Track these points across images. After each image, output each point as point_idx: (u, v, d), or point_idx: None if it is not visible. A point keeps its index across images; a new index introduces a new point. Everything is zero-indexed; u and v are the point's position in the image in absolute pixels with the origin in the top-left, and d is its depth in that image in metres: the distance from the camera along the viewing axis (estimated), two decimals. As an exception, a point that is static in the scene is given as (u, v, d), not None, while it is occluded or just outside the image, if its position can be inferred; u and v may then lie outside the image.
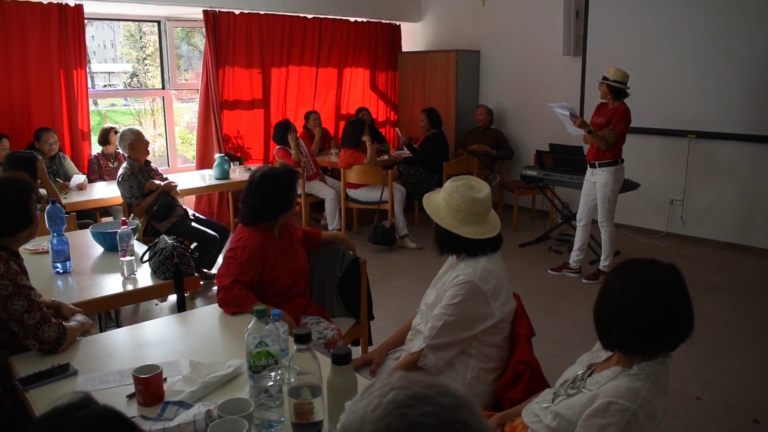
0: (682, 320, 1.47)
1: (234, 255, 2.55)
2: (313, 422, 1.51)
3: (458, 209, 2.11)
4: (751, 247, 5.72)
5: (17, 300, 2.03)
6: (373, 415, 0.73)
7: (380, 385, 0.77)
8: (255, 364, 1.55)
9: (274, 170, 2.70)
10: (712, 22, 5.68)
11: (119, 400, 1.77)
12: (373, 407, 0.74)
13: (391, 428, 0.72)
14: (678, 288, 1.46)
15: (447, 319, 2.09)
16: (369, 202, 6.05)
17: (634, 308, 1.44)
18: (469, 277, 2.09)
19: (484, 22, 7.48)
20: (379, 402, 0.74)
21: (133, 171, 4.48)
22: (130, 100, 7.91)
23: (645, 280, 1.46)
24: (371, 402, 0.75)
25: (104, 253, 3.25)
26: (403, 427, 0.72)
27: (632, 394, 1.44)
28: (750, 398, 3.24)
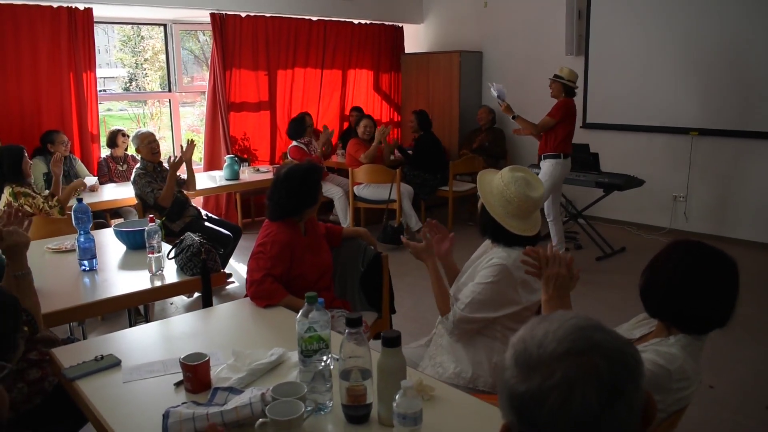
0: (731, 307, 1.59)
1: (264, 249, 2.61)
2: (364, 404, 1.56)
3: (510, 201, 2.18)
4: (755, 242, 5.81)
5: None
6: (557, 333, 0.82)
7: (560, 314, 0.87)
8: (307, 348, 1.61)
9: (298, 166, 2.76)
10: (713, 20, 5.78)
11: (167, 388, 1.82)
12: (557, 327, 0.83)
13: (575, 345, 0.81)
14: (737, 276, 1.60)
15: (476, 297, 2.16)
16: (377, 201, 6.11)
17: (701, 286, 1.56)
18: (503, 261, 2.16)
19: (486, 23, 7.56)
20: (562, 324, 0.84)
21: (146, 171, 4.53)
22: (127, 104, 7.96)
23: (716, 262, 1.59)
24: (554, 323, 0.84)
25: (127, 251, 3.30)
26: (586, 345, 0.81)
27: (670, 358, 1.56)
28: (762, 387, 3.32)
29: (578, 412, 0.78)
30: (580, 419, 0.78)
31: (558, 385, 0.79)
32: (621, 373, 0.81)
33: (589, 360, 0.80)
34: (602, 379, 0.79)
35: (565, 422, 0.78)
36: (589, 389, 0.78)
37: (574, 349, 0.81)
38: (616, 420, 0.79)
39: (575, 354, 0.80)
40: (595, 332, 0.83)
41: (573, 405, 0.78)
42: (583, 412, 0.78)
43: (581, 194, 6.20)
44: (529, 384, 0.81)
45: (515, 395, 0.83)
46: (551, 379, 0.79)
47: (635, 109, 6.40)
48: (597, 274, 5.16)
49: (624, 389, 0.80)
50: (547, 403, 0.79)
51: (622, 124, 6.51)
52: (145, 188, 4.50)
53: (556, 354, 0.81)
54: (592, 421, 0.78)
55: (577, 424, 0.78)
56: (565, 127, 5.14)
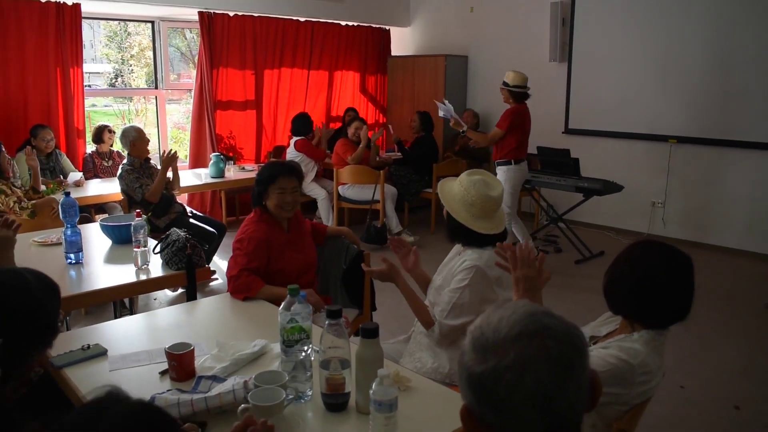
0: (688, 300, 1.69)
1: (240, 246, 2.69)
2: (343, 393, 1.63)
3: (473, 204, 2.26)
4: (729, 249, 5.96)
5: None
6: (510, 319, 0.91)
7: (513, 303, 0.95)
8: (288, 339, 1.67)
9: (269, 162, 2.86)
10: (693, 30, 5.92)
11: (152, 376, 1.88)
12: (510, 313, 0.92)
13: (526, 328, 0.89)
14: (692, 270, 1.70)
15: (456, 302, 2.23)
16: (361, 202, 6.18)
17: (658, 281, 1.65)
18: (475, 262, 2.23)
19: (472, 28, 7.66)
20: (515, 310, 0.92)
21: (133, 167, 4.55)
22: (111, 100, 7.96)
23: (670, 258, 1.67)
24: (507, 311, 0.93)
25: (113, 245, 3.34)
26: (536, 328, 0.89)
27: (632, 353, 1.64)
28: (731, 387, 3.42)
29: (531, 388, 0.86)
30: (534, 395, 0.86)
31: (512, 365, 0.87)
32: (569, 352, 0.89)
33: (539, 341, 0.88)
34: (552, 357, 0.87)
35: (520, 399, 0.86)
36: (541, 367, 0.86)
37: (526, 332, 0.89)
38: (566, 394, 0.88)
39: (527, 336, 0.89)
40: (544, 317, 0.92)
41: (526, 382, 0.86)
42: (536, 388, 0.86)
43: (561, 198, 6.31)
44: (485, 365, 0.89)
45: (473, 376, 0.90)
46: (506, 359, 0.87)
47: (616, 116, 6.53)
48: (576, 278, 5.27)
49: (572, 366, 0.89)
50: (503, 381, 0.87)
51: (603, 131, 6.65)
52: (133, 184, 4.51)
53: (509, 337, 0.89)
54: (544, 396, 0.86)
55: (531, 400, 0.86)
56: (514, 135, 5.22)
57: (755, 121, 5.66)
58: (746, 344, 4.00)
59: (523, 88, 5.18)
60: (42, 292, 1.58)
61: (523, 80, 5.17)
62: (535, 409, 0.87)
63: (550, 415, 0.87)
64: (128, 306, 3.51)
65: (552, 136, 6.73)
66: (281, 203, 2.73)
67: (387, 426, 1.44)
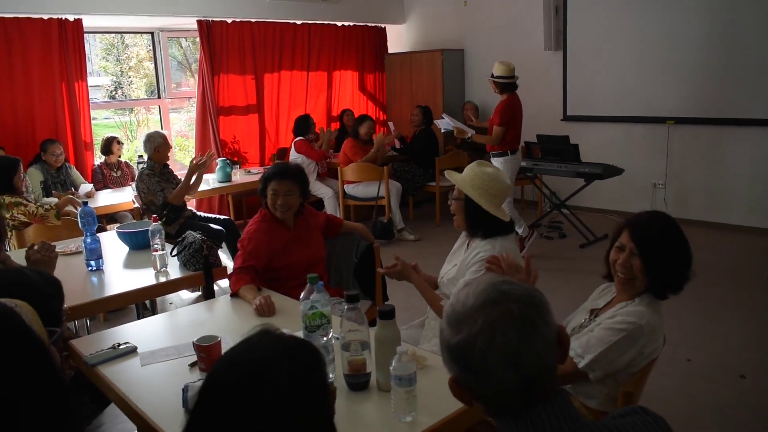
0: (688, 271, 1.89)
1: (242, 245, 2.83)
2: (364, 373, 1.74)
3: (495, 195, 2.37)
4: (730, 225, 6.04)
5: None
6: (475, 291, 1.02)
7: (477, 279, 1.07)
8: (310, 324, 1.78)
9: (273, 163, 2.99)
10: (686, 10, 6.00)
11: (182, 368, 1.99)
12: (474, 287, 1.03)
13: (489, 297, 1.00)
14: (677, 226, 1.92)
15: None
16: (366, 198, 6.28)
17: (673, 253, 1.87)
18: (489, 253, 2.33)
19: (466, 22, 7.75)
20: (478, 284, 1.04)
21: (154, 172, 4.62)
22: (111, 112, 8.05)
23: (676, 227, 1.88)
24: (471, 286, 1.04)
25: (130, 251, 3.45)
26: (498, 296, 1.00)
27: (639, 314, 1.81)
28: (736, 358, 3.52)
29: (502, 349, 0.96)
30: (505, 355, 0.96)
31: (481, 331, 0.97)
32: (530, 310, 0.99)
33: (503, 306, 0.98)
34: (516, 318, 0.97)
35: (493, 360, 0.96)
36: (507, 328, 0.96)
37: (489, 300, 0.99)
38: (534, 350, 0.97)
39: (490, 303, 0.99)
40: (503, 285, 1.02)
41: (496, 344, 0.96)
42: (506, 347, 0.96)
43: (563, 184, 6.40)
44: (459, 336, 0.99)
45: (451, 348, 1.01)
46: (475, 326, 0.98)
47: (613, 101, 6.62)
48: (581, 261, 5.36)
49: (535, 323, 0.98)
50: (476, 347, 0.97)
51: (601, 116, 6.73)
52: (155, 187, 4.56)
53: (475, 307, 0.99)
54: (515, 353, 0.96)
55: (503, 360, 0.96)
56: (510, 129, 5.30)
57: (751, 99, 5.74)
58: (751, 317, 4.09)
59: (509, 79, 5.22)
60: (46, 287, 1.68)
61: (509, 71, 5.21)
62: (508, 368, 0.96)
63: (523, 371, 0.96)
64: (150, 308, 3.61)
65: (550, 123, 6.81)
66: (272, 204, 2.86)
67: (408, 400, 1.55)
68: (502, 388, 0.98)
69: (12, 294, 1.48)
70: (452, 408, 1.65)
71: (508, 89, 5.25)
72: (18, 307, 1.37)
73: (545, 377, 0.99)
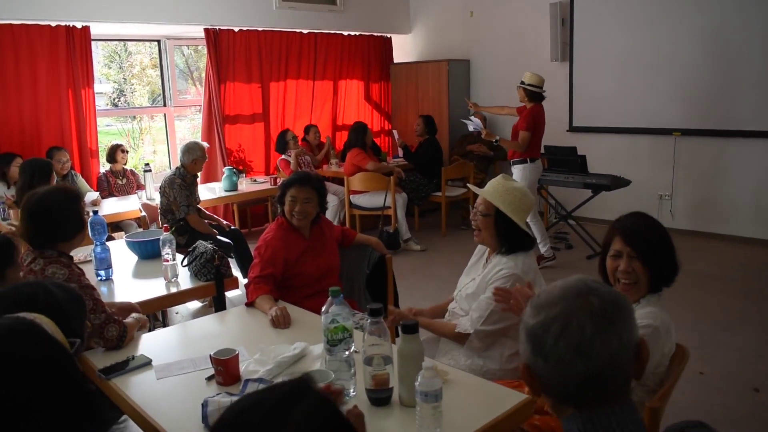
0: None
1: (258, 253, 2.81)
2: (387, 388, 1.71)
3: (526, 211, 2.39)
4: (737, 237, 6.02)
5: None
6: (564, 283, 1.08)
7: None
8: (332, 338, 1.75)
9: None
10: (692, 24, 6.01)
11: (199, 382, 1.96)
12: (565, 281, 1.09)
13: (574, 288, 1.06)
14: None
15: (494, 308, 2.28)
16: (372, 208, 6.26)
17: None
18: (512, 270, 2.31)
19: (472, 32, 7.76)
20: (569, 278, 1.09)
21: (185, 182, 4.57)
22: (113, 120, 8.05)
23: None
24: (563, 280, 1.10)
25: (139, 261, 3.42)
26: (584, 289, 1.05)
27: (652, 315, 1.83)
28: (749, 371, 3.49)
29: (575, 337, 0.99)
30: (577, 343, 0.99)
31: (559, 315, 1.02)
32: (612, 308, 1.02)
33: (585, 298, 1.03)
34: (595, 311, 1.01)
35: (565, 346, 1.00)
36: (584, 318, 1.00)
37: (574, 291, 1.05)
38: (608, 346, 0.99)
39: (574, 294, 1.04)
40: (593, 282, 1.07)
41: (571, 330, 1.00)
42: (579, 336, 0.99)
43: (570, 195, 6.38)
44: (537, 318, 1.05)
45: (528, 329, 1.06)
46: (553, 311, 1.03)
47: (619, 112, 6.61)
48: (588, 272, 5.29)
49: (614, 321, 1.01)
50: (551, 331, 1.01)
51: (608, 127, 6.72)
52: (183, 201, 4.50)
53: (559, 295, 1.05)
54: (587, 344, 0.99)
55: (575, 347, 0.99)
56: (533, 137, 5.33)
57: (757, 111, 5.74)
58: (762, 329, 4.06)
59: (538, 89, 5.31)
60: (68, 303, 1.65)
61: (539, 81, 5.32)
62: (578, 358, 0.99)
63: (593, 365, 0.99)
64: (161, 319, 3.59)
65: (557, 134, 6.80)
66: (290, 211, 2.85)
67: (434, 415, 1.52)
68: (571, 378, 1.00)
69: (32, 309, 1.46)
70: (478, 423, 1.63)
71: (536, 98, 5.34)
72: (37, 320, 1.35)
73: (617, 379, 1.01)
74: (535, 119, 5.30)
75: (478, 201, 2.45)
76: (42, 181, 3.94)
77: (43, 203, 2.32)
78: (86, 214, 2.51)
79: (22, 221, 2.35)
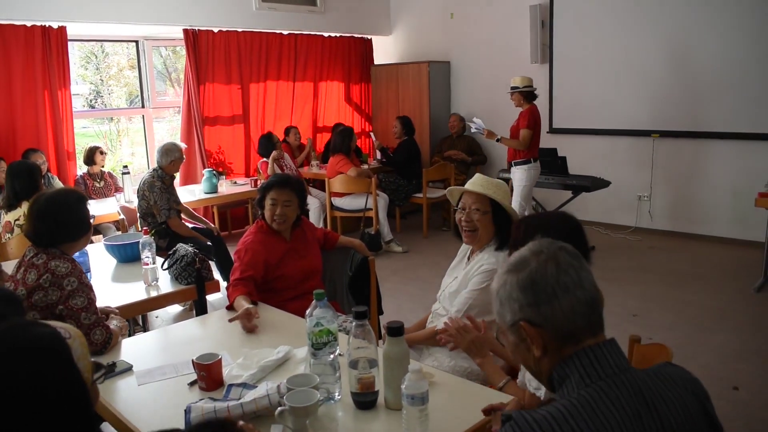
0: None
1: (238, 257, 2.77)
2: (372, 392, 1.70)
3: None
4: (714, 237, 6.11)
5: (79, 296, 2.17)
6: (530, 245, 1.20)
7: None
8: (317, 342, 1.73)
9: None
10: (668, 29, 6.08)
11: (181, 387, 1.93)
12: (531, 243, 1.20)
13: (543, 244, 1.18)
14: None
15: (472, 303, 2.30)
16: (354, 210, 6.24)
17: None
18: (493, 266, 2.31)
19: (453, 34, 7.78)
20: (533, 242, 1.21)
21: (165, 184, 4.50)
22: (90, 121, 7.94)
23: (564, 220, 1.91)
24: (529, 244, 1.21)
25: (118, 264, 3.37)
26: (549, 244, 1.18)
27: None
28: (729, 370, 3.53)
29: (569, 270, 1.12)
30: (572, 275, 1.12)
31: (549, 257, 1.14)
32: (575, 251, 1.16)
33: (557, 245, 1.17)
34: (570, 252, 1.16)
35: (566, 280, 1.11)
36: (566, 256, 1.14)
37: (544, 244, 1.18)
38: (589, 276, 1.14)
39: (547, 245, 1.17)
40: (555, 240, 1.20)
41: (563, 267, 1.13)
42: (571, 270, 1.13)
43: (551, 196, 6.43)
44: (526, 270, 1.14)
45: (521, 285, 1.13)
46: (540, 258, 1.14)
47: (599, 114, 6.68)
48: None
49: (581, 260, 1.16)
50: (548, 272, 1.12)
51: (587, 128, 6.78)
52: (161, 203, 4.42)
53: (535, 249, 1.17)
54: (577, 275, 1.12)
55: (572, 280, 1.12)
56: (534, 135, 5.38)
57: (733, 113, 5.83)
58: (740, 328, 4.12)
59: (531, 88, 5.41)
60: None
61: (530, 81, 5.43)
62: (577, 287, 1.11)
63: (586, 292, 1.12)
64: (141, 323, 3.54)
65: (538, 135, 6.84)
66: (270, 215, 2.80)
67: (420, 418, 1.51)
68: (577, 308, 1.10)
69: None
70: (464, 426, 1.63)
71: (532, 98, 5.42)
72: (71, 339, 1.26)
73: (599, 307, 1.14)
74: (534, 117, 5.38)
75: (469, 201, 2.40)
76: (31, 185, 3.85)
77: (52, 204, 2.31)
78: (92, 217, 2.46)
79: (28, 220, 2.34)
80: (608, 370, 1.08)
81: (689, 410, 1.10)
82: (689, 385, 1.14)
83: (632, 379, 1.07)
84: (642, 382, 1.08)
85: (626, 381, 1.07)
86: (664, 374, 1.13)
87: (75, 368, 1.12)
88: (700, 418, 1.13)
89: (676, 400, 1.09)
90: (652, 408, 1.06)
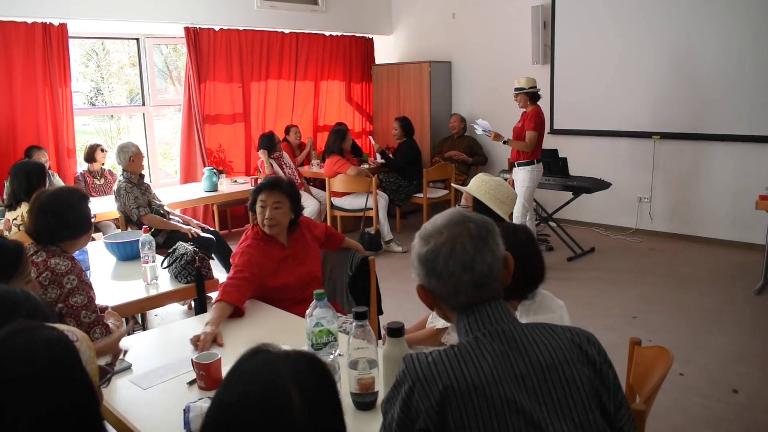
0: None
1: (233, 261, 2.72)
2: (372, 392, 1.69)
3: (504, 202, 2.44)
4: (716, 239, 6.10)
5: (79, 294, 2.17)
6: (443, 215, 1.34)
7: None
8: (317, 342, 1.73)
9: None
10: (671, 30, 6.07)
11: (180, 387, 1.92)
12: (443, 213, 1.34)
13: (453, 218, 1.31)
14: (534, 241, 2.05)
15: None
16: (354, 210, 6.23)
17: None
18: None
19: (454, 34, 7.77)
20: (446, 211, 1.36)
21: (132, 184, 4.53)
22: (90, 119, 7.94)
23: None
24: (441, 213, 1.35)
25: (117, 262, 3.37)
26: (461, 219, 1.31)
27: (556, 305, 2.12)
28: (728, 372, 3.53)
29: (461, 256, 1.26)
30: (463, 260, 1.26)
31: (446, 241, 1.28)
32: (484, 232, 1.29)
33: (463, 225, 1.29)
34: (472, 234, 1.28)
35: (454, 264, 1.26)
36: (465, 240, 1.27)
37: (454, 220, 1.30)
38: (485, 260, 1.27)
39: (454, 223, 1.30)
40: (465, 211, 1.35)
41: (457, 251, 1.27)
42: (464, 255, 1.26)
43: (551, 197, 6.42)
44: (428, 246, 1.30)
45: (421, 256, 1.31)
46: (440, 238, 1.28)
47: (600, 115, 6.67)
48: (569, 273, 5.36)
49: (487, 240, 1.29)
50: (441, 253, 1.28)
51: (588, 130, 6.77)
52: (130, 204, 4.45)
53: (442, 225, 1.30)
54: (470, 260, 1.26)
55: (461, 264, 1.26)
56: (540, 135, 5.36)
57: (734, 115, 5.82)
58: (739, 330, 4.12)
59: (535, 89, 5.39)
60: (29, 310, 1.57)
61: (534, 82, 5.40)
62: (465, 272, 1.26)
63: (476, 275, 1.26)
64: (140, 322, 3.54)
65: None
66: (261, 219, 2.73)
67: (420, 420, 1.50)
68: (460, 288, 1.27)
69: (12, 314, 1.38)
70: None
71: (537, 99, 5.40)
72: (78, 342, 1.26)
73: (492, 284, 1.29)
74: (541, 119, 5.37)
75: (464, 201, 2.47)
76: (29, 186, 3.81)
77: (54, 201, 2.31)
78: (93, 216, 2.46)
79: (30, 217, 2.34)
80: (486, 323, 1.26)
81: (563, 351, 1.25)
82: (570, 334, 1.29)
83: (507, 329, 1.26)
84: (516, 331, 1.26)
85: (500, 330, 1.25)
86: (546, 327, 1.29)
87: (84, 372, 1.11)
88: (577, 358, 1.25)
89: (548, 342, 1.25)
90: (522, 348, 1.23)
